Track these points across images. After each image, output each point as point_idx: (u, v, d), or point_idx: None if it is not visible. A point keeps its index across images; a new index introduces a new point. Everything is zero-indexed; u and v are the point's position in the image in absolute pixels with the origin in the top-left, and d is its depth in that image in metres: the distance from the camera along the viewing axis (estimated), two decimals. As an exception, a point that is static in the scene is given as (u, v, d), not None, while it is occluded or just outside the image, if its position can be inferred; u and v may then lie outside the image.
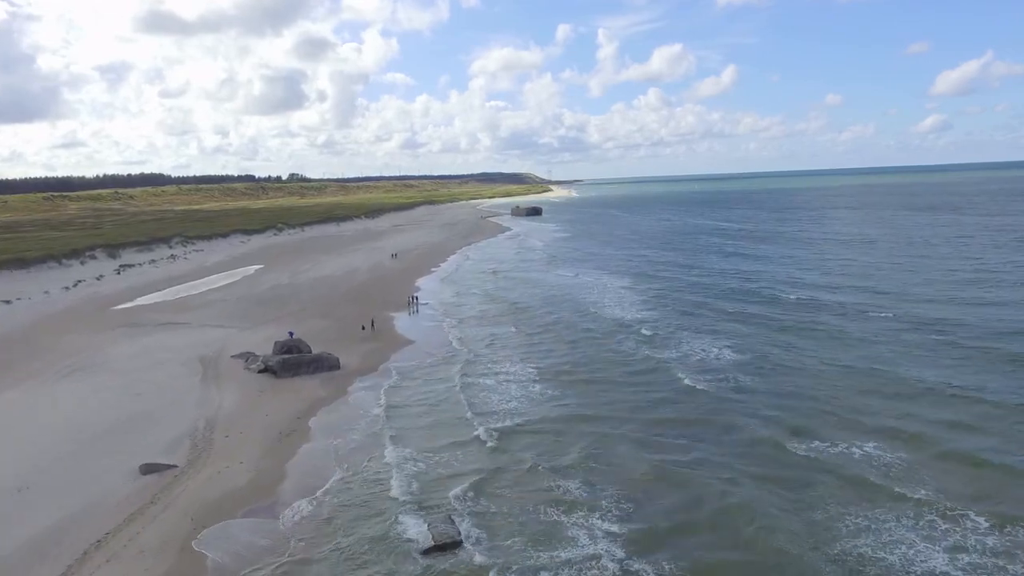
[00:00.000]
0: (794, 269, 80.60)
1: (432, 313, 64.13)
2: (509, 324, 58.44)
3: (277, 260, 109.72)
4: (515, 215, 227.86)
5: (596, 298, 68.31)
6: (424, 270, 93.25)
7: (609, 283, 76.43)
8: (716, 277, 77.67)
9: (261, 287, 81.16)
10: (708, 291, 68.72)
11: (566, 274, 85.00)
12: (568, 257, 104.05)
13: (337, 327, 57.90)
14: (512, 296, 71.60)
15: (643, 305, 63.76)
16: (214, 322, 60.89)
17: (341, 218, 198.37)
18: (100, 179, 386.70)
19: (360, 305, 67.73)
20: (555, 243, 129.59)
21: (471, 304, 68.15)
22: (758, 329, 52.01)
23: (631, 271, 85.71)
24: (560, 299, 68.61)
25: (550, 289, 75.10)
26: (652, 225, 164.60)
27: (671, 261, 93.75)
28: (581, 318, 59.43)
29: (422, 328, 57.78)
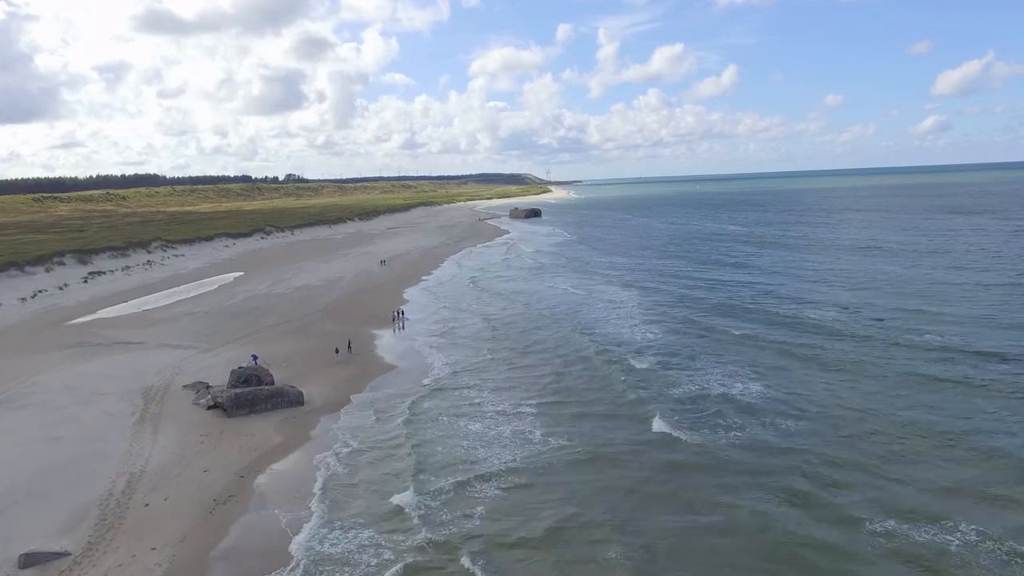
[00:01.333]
0: (817, 283, 72.69)
1: (419, 331, 57.56)
2: (504, 346, 51.88)
3: (259, 267, 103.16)
4: (513, 217, 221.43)
5: (602, 315, 61.67)
6: (414, 279, 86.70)
7: (616, 297, 69.03)
8: (730, 291, 69.75)
9: (235, 298, 74.59)
10: (721, 310, 60.79)
11: (567, 286, 78.16)
12: (570, 265, 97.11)
13: (310, 348, 51.34)
14: (508, 312, 65.01)
15: (656, 329, 57.10)
16: (174, 341, 54.31)
17: (333, 220, 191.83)
18: (93, 180, 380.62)
19: (340, 321, 61.22)
20: (555, 249, 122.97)
21: (463, 320, 61.59)
22: (783, 360, 44.68)
23: (639, 283, 77.94)
24: (562, 317, 61.99)
25: (550, 304, 68.45)
26: (658, 229, 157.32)
27: (681, 273, 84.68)
28: (586, 340, 52.83)
29: (406, 350, 51.20)
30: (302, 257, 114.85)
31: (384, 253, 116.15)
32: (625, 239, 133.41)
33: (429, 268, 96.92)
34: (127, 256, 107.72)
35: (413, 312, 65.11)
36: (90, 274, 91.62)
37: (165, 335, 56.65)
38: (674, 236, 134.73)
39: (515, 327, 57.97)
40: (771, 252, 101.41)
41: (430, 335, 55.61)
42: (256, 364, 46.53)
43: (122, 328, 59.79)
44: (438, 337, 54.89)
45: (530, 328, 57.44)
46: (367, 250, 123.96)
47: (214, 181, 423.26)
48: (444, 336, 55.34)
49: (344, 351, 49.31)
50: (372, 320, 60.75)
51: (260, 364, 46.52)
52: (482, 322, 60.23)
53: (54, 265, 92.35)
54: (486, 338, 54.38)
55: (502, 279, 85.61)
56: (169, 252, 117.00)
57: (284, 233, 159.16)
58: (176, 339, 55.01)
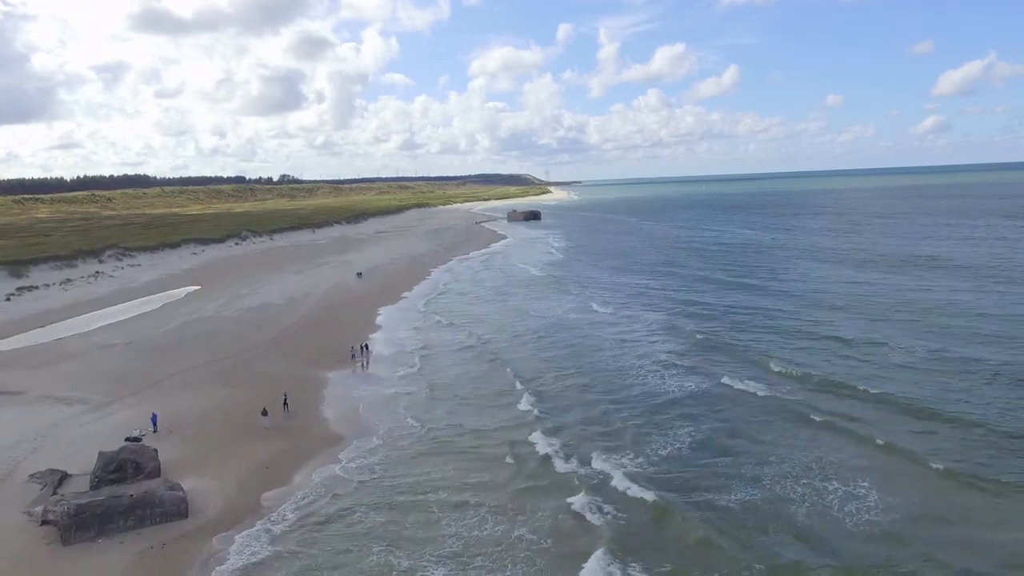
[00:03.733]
0: (886, 321, 53.12)
1: (386, 373, 44.98)
2: (494, 397, 39.32)
3: (220, 279, 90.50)
4: (511, 220, 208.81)
5: (616, 354, 49.06)
6: (393, 295, 74.05)
7: (632, 333, 54.23)
8: (777, 321, 54.63)
9: (173, 322, 61.98)
10: (772, 349, 47.28)
11: (571, 308, 65.35)
12: (574, 280, 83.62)
13: (236, 403, 38.72)
14: (504, 345, 52.38)
15: (689, 381, 44.44)
16: (65, 390, 41.67)
17: (319, 224, 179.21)
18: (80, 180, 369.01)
19: (288, 357, 48.62)
20: (557, 258, 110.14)
21: (445, 357, 49.00)
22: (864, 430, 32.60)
23: (659, 306, 63.58)
24: (567, 352, 49.48)
25: (551, 332, 55.83)
26: (672, 235, 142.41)
27: (718, 302, 63.27)
28: (600, 389, 40.29)
29: (364, 404, 38.55)
30: (273, 267, 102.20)
31: (365, 262, 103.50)
32: (637, 249, 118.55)
33: (412, 282, 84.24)
34: (74, 267, 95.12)
35: (384, 344, 52.51)
36: (19, 290, 78.97)
37: (59, 379, 44.02)
38: (691, 245, 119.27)
39: (520, 370, 45.33)
40: (813, 268, 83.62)
41: (398, 382, 42.97)
42: (152, 431, 34.25)
43: (9, 368, 47.14)
44: (408, 385, 42.21)
45: (532, 367, 44.79)
46: (348, 258, 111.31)
47: (208, 182, 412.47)
48: (415, 382, 42.65)
49: (277, 410, 36.67)
50: (328, 356, 48.10)
51: (158, 430, 34.30)
52: (470, 358, 47.59)
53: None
54: (471, 381, 41.69)
55: (492, 299, 72.96)
56: (125, 261, 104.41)
57: (262, 238, 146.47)
58: (69, 387, 42.36)
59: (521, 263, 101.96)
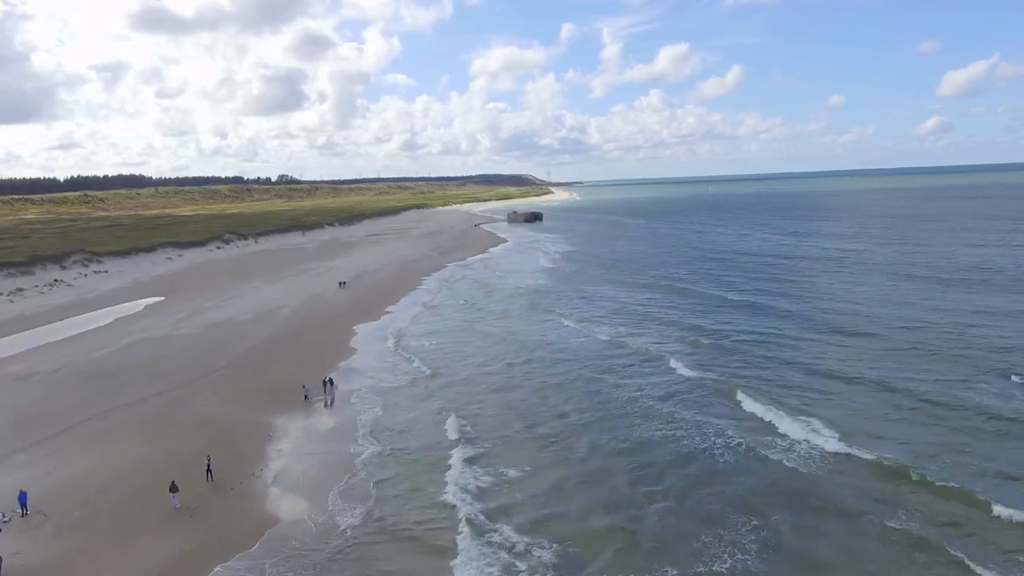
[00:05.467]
0: (937, 343, 45.13)
1: (352, 414, 36.48)
2: (484, 457, 30.80)
3: (188, 288, 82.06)
4: (512, 222, 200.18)
5: (632, 395, 40.47)
6: (375, 309, 65.51)
7: (637, 371, 44.30)
8: (817, 358, 43.38)
9: (118, 343, 53.55)
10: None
11: (569, 333, 56.38)
12: (576, 294, 72.90)
13: (150, 464, 30.21)
14: (497, 380, 43.81)
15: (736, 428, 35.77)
16: (-54, 440, 33.24)
17: (310, 226, 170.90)
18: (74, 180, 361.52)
19: (235, 392, 40.12)
20: (559, 267, 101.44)
21: (427, 393, 40.41)
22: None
23: (669, 334, 51.98)
24: (578, 393, 40.98)
25: (553, 366, 47.25)
26: (679, 239, 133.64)
27: (736, 326, 53.07)
28: (614, 449, 31.82)
29: (317, 470, 30.00)
30: (250, 274, 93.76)
31: (351, 269, 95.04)
32: (645, 256, 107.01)
33: (400, 293, 75.66)
34: (30, 274, 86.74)
35: (356, 373, 43.99)
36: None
37: (-54, 425, 35.60)
38: (704, 251, 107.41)
39: (519, 415, 36.80)
40: (848, 281, 71.42)
41: (367, 427, 34.43)
42: (20, 514, 25.93)
43: None
44: (379, 433, 33.64)
45: (533, 413, 36.24)
46: (334, 264, 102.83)
47: (206, 182, 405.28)
48: (388, 431, 34.08)
49: (197, 479, 28.17)
50: (284, 391, 39.56)
51: (28, 512, 25.99)
52: (456, 397, 39.02)
53: (-86, 289, 71.52)
54: (450, 439, 33.12)
55: (482, 318, 64.41)
56: (91, 267, 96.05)
57: (246, 241, 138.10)
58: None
59: (518, 272, 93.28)
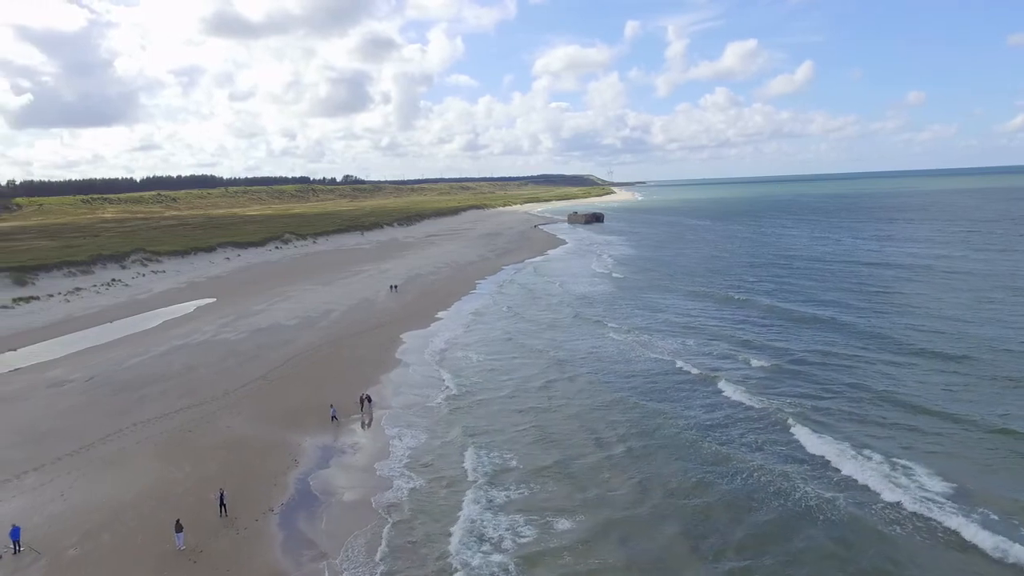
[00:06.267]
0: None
1: (389, 442, 32.84)
2: (518, 500, 26.61)
3: (239, 290, 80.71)
4: (572, 223, 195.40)
5: (685, 425, 35.59)
6: (425, 316, 62.12)
7: (707, 402, 37.76)
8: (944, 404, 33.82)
9: (159, 348, 51.62)
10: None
11: (633, 356, 51.31)
12: (641, 305, 65.99)
13: (162, 492, 27.22)
14: (540, 402, 39.58)
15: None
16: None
17: (369, 226, 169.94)
18: (150, 180, 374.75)
19: (265, 407, 37.08)
20: (621, 272, 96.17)
21: (468, 417, 36.47)
22: None
23: (742, 356, 44.69)
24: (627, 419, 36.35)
25: (605, 388, 42.68)
26: (751, 243, 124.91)
27: (836, 358, 42.79)
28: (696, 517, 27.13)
29: (338, 507, 26.42)
30: (303, 275, 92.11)
31: (405, 272, 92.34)
32: (717, 261, 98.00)
33: (453, 297, 72.21)
34: (90, 273, 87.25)
35: (397, 389, 40.47)
36: (15, 301, 70.78)
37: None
38: (783, 258, 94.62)
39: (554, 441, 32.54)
40: (955, 295, 61.33)
41: (399, 459, 30.65)
42: (12, 551, 23.11)
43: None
44: (413, 466, 29.82)
45: (594, 459, 31.88)
46: (388, 266, 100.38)
47: (273, 182, 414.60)
48: (422, 465, 30.20)
49: (208, 515, 24.94)
50: (318, 409, 36.24)
51: (21, 550, 23.15)
52: (492, 419, 34.98)
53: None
54: (485, 474, 29.00)
55: (538, 328, 60.17)
56: (149, 267, 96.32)
57: (304, 242, 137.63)
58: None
59: (575, 277, 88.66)
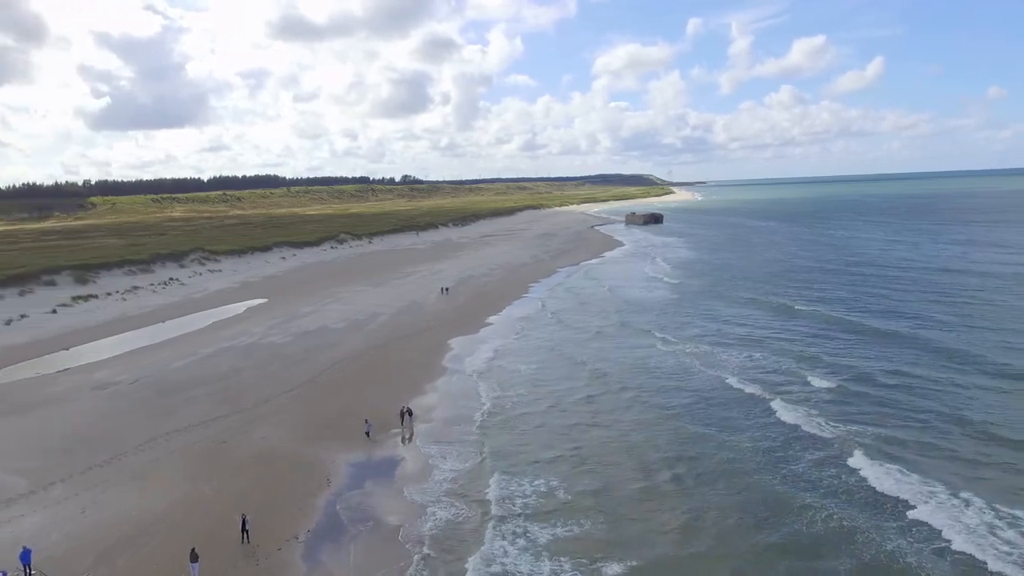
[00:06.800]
0: None
1: (430, 461, 30.56)
2: (569, 540, 23.85)
3: (291, 291, 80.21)
4: (630, 223, 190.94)
5: (741, 454, 32.10)
6: (475, 320, 59.91)
7: (765, 427, 33.19)
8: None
9: (205, 350, 50.83)
10: None
11: (690, 362, 47.66)
12: (701, 313, 61.35)
13: (185, 513, 25.56)
14: (583, 420, 36.68)
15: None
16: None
17: (424, 226, 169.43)
18: (216, 180, 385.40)
19: (303, 418, 35.34)
20: (679, 277, 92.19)
21: (511, 437, 33.88)
22: None
23: (806, 375, 40.09)
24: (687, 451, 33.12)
25: (661, 404, 39.49)
26: (825, 247, 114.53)
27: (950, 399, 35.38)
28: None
29: (365, 537, 24.20)
30: (355, 276, 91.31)
31: (458, 273, 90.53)
32: (781, 267, 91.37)
33: (504, 301, 69.80)
34: (149, 272, 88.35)
35: (440, 400, 38.25)
36: (75, 298, 71.72)
37: (2, 442, 32.94)
38: (864, 266, 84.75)
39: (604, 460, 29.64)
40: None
41: (436, 484, 28.26)
42: (26, 573, 21.68)
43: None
44: (456, 497, 27.40)
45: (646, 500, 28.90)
46: (441, 267, 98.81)
47: (334, 182, 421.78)
48: (460, 494, 27.72)
49: (232, 538, 23.07)
50: (356, 421, 34.21)
51: (34, 573, 21.72)
52: (534, 441, 32.28)
53: (39, 286, 73.37)
54: (526, 506, 26.33)
55: (591, 337, 57.13)
56: (206, 266, 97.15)
57: (360, 242, 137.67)
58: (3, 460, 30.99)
59: (632, 281, 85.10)
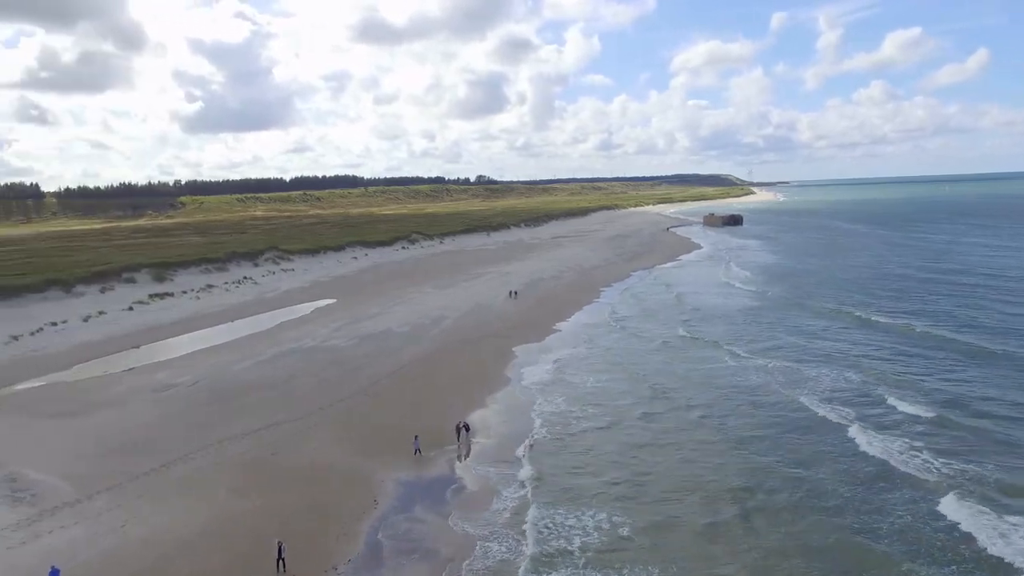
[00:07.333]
0: None
1: (487, 482, 28.33)
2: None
3: (359, 292, 79.83)
4: (707, 225, 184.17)
5: (822, 492, 28.33)
6: (543, 327, 57.40)
7: (851, 463, 28.75)
8: None
9: (269, 352, 50.33)
10: None
11: (767, 381, 43.94)
12: (785, 326, 56.21)
13: (223, 535, 24.13)
14: (651, 444, 33.63)
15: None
16: (41, 468, 29.95)
17: (495, 227, 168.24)
18: (298, 180, 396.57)
19: (355, 430, 33.74)
20: (760, 284, 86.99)
21: (583, 461, 31.24)
22: None
23: (904, 404, 34.96)
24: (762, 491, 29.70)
25: (745, 427, 35.96)
26: (918, 253, 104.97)
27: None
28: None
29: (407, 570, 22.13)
30: (424, 277, 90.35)
31: (527, 275, 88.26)
32: (874, 275, 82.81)
33: (574, 306, 67.00)
34: (224, 271, 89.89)
35: (498, 414, 36.00)
36: (152, 296, 73.31)
37: (53, 447, 32.68)
38: (958, 274, 77.80)
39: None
40: None
41: (498, 510, 25.96)
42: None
43: (29, 415, 36.95)
44: (511, 525, 25.02)
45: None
46: (510, 269, 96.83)
47: (410, 183, 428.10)
48: (521, 514, 25.34)
49: (267, 565, 21.40)
50: (411, 435, 32.30)
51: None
52: (595, 468, 29.48)
53: (119, 283, 75.46)
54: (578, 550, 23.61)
55: (662, 350, 53.66)
56: (280, 266, 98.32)
57: (431, 242, 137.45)
58: (48, 463, 30.59)
59: (708, 287, 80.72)
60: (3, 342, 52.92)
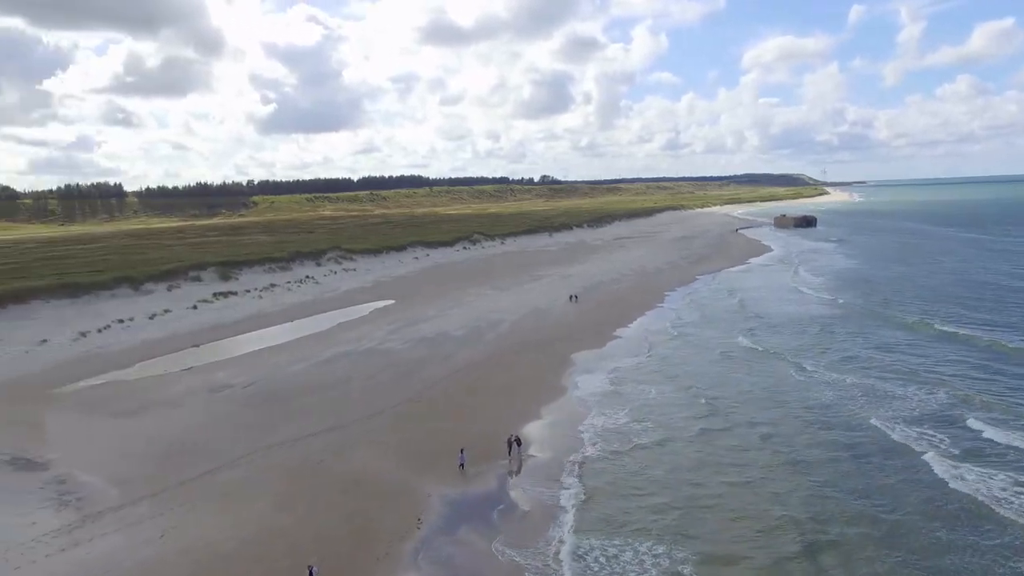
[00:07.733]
0: None
1: (542, 499, 26.88)
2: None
3: (418, 293, 79.44)
4: (778, 227, 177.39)
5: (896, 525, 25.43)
6: (603, 332, 55.44)
7: (934, 502, 25.80)
8: None
9: (325, 353, 50.14)
10: None
11: (847, 406, 40.79)
12: (860, 339, 52.14)
13: (258, 551, 23.37)
14: (708, 474, 31.34)
15: None
16: (90, 470, 30.06)
17: (557, 227, 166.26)
18: (365, 180, 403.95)
19: (403, 441, 32.76)
20: (837, 292, 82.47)
21: (639, 480, 29.39)
22: None
23: (991, 431, 31.92)
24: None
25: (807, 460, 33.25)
26: (1014, 260, 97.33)
27: None
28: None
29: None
30: (483, 278, 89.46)
31: (588, 278, 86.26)
32: (963, 284, 76.53)
33: (637, 311, 64.71)
34: (287, 270, 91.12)
35: (554, 428, 34.44)
36: (215, 295, 74.63)
37: (104, 448, 32.89)
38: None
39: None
40: None
41: (553, 539, 24.39)
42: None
43: (88, 413, 37.49)
44: (568, 559, 23.46)
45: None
46: (571, 271, 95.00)
47: (474, 183, 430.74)
48: (579, 547, 23.73)
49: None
50: (456, 450, 31.08)
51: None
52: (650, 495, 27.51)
53: (186, 281, 77.23)
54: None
55: (728, 359, 50.92)
56: (342, 265, 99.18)
57: (493, 242, 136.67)
58: (99, 465, 30.68)
59: (780, 293, 76.94)
60: (71, 339, 54.48)
